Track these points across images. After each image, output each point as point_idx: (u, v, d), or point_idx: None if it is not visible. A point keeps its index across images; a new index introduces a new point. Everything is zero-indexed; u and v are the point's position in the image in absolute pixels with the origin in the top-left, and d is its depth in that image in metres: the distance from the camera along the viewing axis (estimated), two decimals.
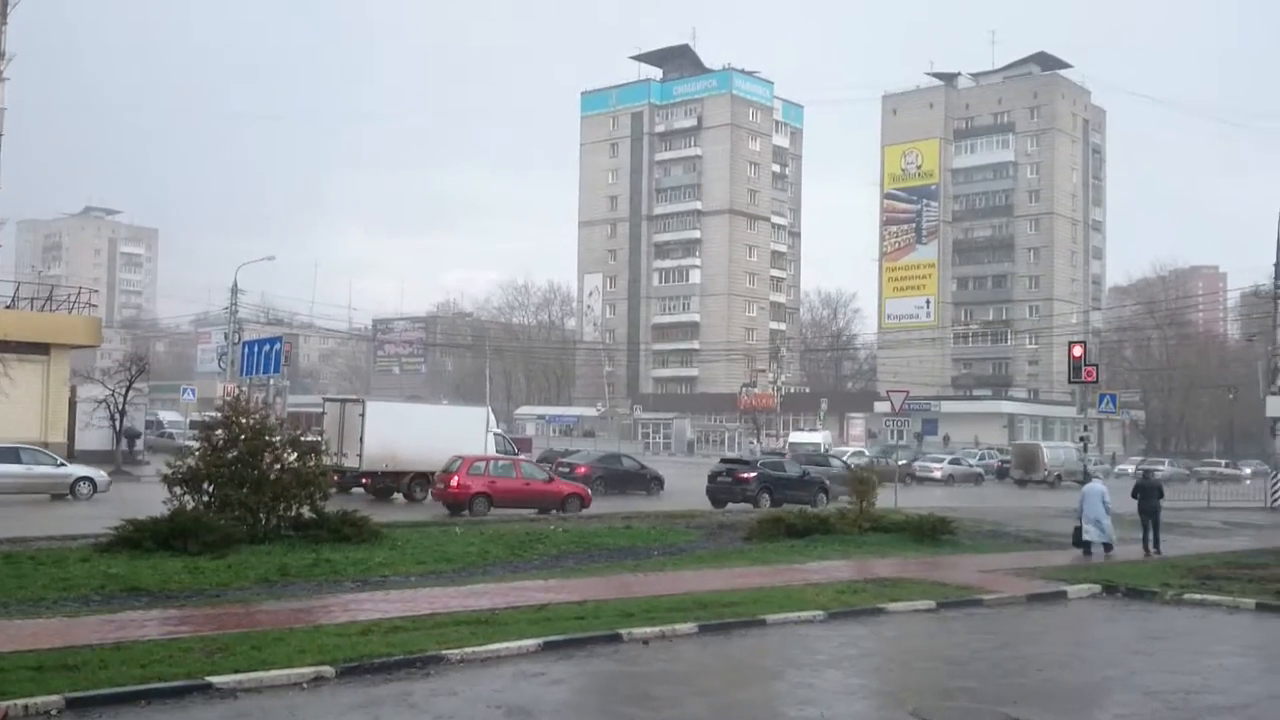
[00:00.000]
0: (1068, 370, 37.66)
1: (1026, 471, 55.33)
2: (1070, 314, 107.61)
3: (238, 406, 18.90)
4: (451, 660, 10.61)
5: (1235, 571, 18.76)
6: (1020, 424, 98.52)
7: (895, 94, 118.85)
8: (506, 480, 28.48)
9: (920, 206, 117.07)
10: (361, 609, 13.02)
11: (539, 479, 29.53)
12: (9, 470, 27.94)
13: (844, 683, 10.75)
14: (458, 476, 27.69)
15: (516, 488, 28.40)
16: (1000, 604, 15.65)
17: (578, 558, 18.67)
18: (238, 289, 57.59)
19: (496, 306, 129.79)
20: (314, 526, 18.19)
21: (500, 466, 29.64)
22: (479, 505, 27.34)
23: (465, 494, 27.40)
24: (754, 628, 13.04)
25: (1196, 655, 12.47)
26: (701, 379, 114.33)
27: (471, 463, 28.65)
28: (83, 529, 19.13)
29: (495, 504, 27.56)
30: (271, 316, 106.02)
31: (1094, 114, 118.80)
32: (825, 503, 31.84)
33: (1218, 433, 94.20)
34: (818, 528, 22.31)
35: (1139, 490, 23.05)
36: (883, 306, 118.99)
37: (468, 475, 27.77)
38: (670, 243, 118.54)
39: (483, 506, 27.35)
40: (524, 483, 28.80)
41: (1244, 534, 26.77)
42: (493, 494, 27.74)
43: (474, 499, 27.39)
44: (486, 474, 28.34)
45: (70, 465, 30.60)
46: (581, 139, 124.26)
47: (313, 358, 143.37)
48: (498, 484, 28.11)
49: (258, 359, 31.62)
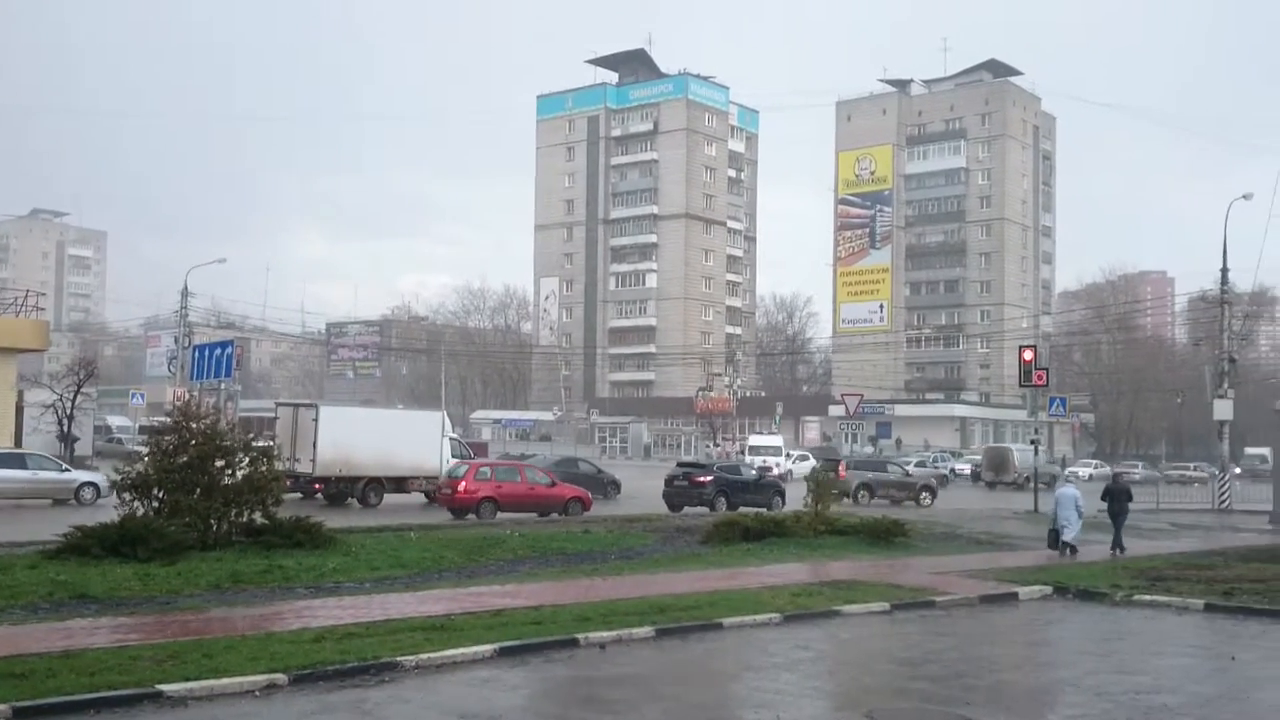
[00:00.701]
0: (1019, 374, 38.20)
1: (997, 474, 56.43)
2: (1021, 318, 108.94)
3: (189, 411, 18.65)
4: (406, 667, 10.53)
5: (1184, 572, 19.06)
6: (972, 427, 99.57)
7: (849, 100, 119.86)
8: (512, 485, 29.06)
9: (874, 212, 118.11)
10: (315, 615, 12.89)
11: (542, 483, 30.13)
12: (13, 476, 28.09)
13: (800, 685, 10.80)
14: (465, 482, 28.29)
15: (521, 492, 29.01)
16: (953, 605, 15.79)
17: (534, 562, 18.62)
18: (188, 292, 56.78)
19: (452, 310, 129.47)
20: (266, 532, 17.97)
21: (505, 471, 30.31)
22: (486, 509, 27.76)
23: (473, 499, 27.92)
24: (711, 631, 13.07)
25: (1147, 655, 12.66)
26: (658, 383, 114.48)
27: (478, 468, 29.51)
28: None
29: (501, 508, 28.02)
30: (222, 320, 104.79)
31: (1044, 120, 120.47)
32: (781, 506, 31.97)
33: (1166, 435, 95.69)
34: (774, 531, 22.41)
35: (1109, 493, 23.79)
36: (837, 311, 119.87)
37: (475, 480, 28.40)
38: (627, 247, 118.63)
39: (490, 511, 27.78)
40: (528, 487, 29.41)
41: (1192, 535, 27.23)
42: (499, 498, 28.26)
43: (481, 503, 27.86)
44: (493, 479, 28.92)
45: (75, 471, 30.55)
46: (537, 142, 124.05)
47: (265, 362, 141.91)
48: (504, 488, 28.66)
49: (208, 363, 31.19)
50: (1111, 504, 23.40)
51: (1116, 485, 24.37)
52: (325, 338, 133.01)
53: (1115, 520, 23.23)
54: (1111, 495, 23.59)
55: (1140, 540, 24.92)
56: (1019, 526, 29.28)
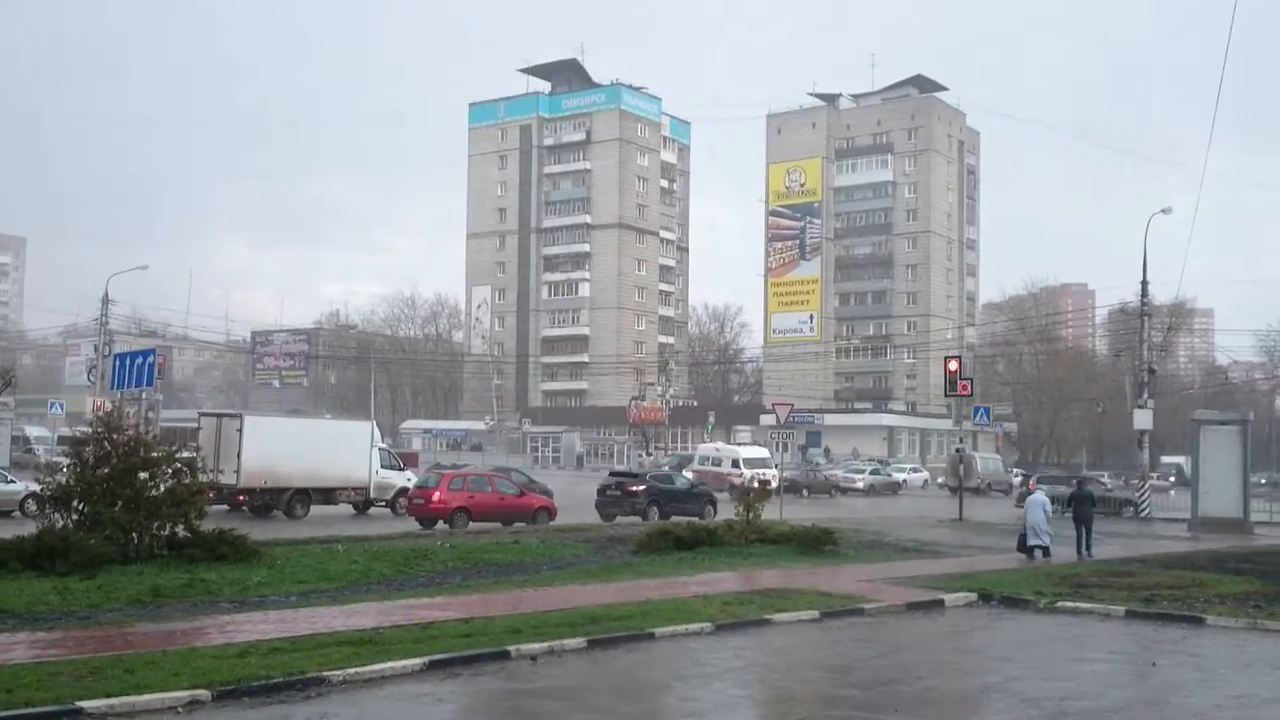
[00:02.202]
0: (944, 384, 38.84)
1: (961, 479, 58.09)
2: (946, 329, 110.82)
3: (111, 422, 18.23)
4: (334, 682, 10.38)
5: (1106, 579, 19.46)
6: (899, 436, 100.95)
7: (779, 113, 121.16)
8: (483, 495, 29.37)
9: (804, 223, 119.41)
10: (239, 630, 12.66)
11: (511, 494, 30.44)
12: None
13: (730, 694, 10.84)
14: (439, 492, 28.62)
15: (492, 502, 29.35)
16: (881, 612, 15.96)
17: (464, 574, 18.46)
18: (109, 299, 55.65)
19: (382, 319, 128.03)
20: (189, 545, 17.64)
21: (476, 482, 30.51)
22: (459, 519, 27.96)
23: (446, 509, 28.15)
24: (643, 641, 13.06)
25: (1070, 662, 12.89)
26: (591, 392, 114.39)
27: (451, 478, 29.92)
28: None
29: (473, 518, 28.29)
30: (144, 328, 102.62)
31: (969, 136, 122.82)
32: (713, 515, 32.11)
33: (1087, 445, 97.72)
34: (706, 540, 22.51)
35: (1074, 500, 25.28)
36: (768, 321, 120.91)
37: (448, 491, 28.69)
38: (559, 256, 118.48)
39: (463, 521, 27.96)
40: (499, 497, 29.74)
41: (1114, 543, 27.80)
42: (471, 509, 28.55)
43: (455, 513, 28.09)
44: (465, 489, 29.18)
45: (20, 482, 29.60)
46: (470, 150, 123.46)
47: (187, 371, 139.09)
48: (476, 499, 28.97)
49: (129, 372, 30.39)
50: (1077, 510, 24.71)
51: (1081, 492, 25.83)
52: (250, 346, 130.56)
53: (1081, 526, 24.44)
54: (1076, 501, 24.99)
55: (1062, 547, 25.37)
56: (945, 534, 29.76)
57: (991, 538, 29.15)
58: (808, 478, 58.10)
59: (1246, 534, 32.16)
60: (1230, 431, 34.75)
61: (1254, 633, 14.88)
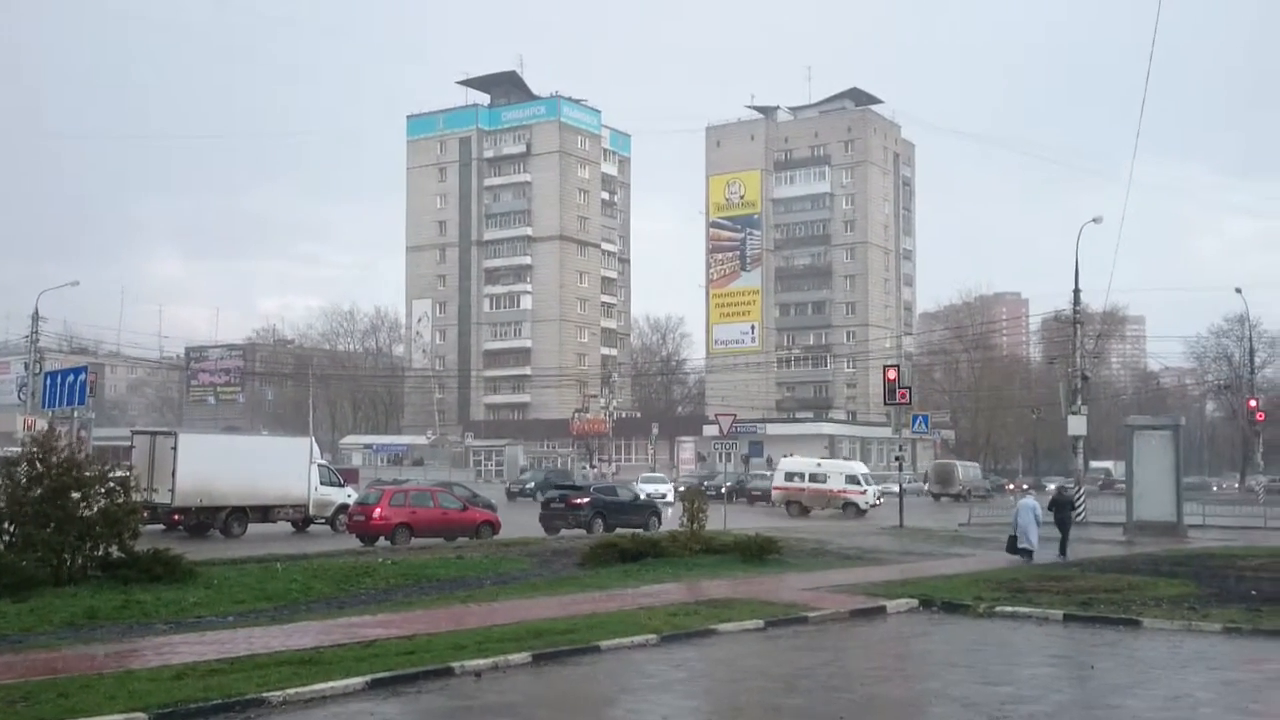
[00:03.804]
0: (883, 392, 39.34)
1: (944, 487, 60.08)
2: (885, 339, 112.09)
3: (44, 442, 17.79)
4: (273, 703, 10.20)
5: (1044, 584, 19.74)
6: (840, 445, 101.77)
7: (718, 126, 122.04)
8: (426, 510, 28.96)
9: (744, 235, 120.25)
10: (176, 652, 12.40)
11: (454, 508, 30.11)
12: None
13: (676, 705, 10.83)
14: (380, 508, 28.07)
15: (435, 517, 28.97)
16: (824, 621, 16.05)
17: (407, 591, 18.27)
18: (39, 316, 54.44)
19: (320, 333, 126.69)
20: (124, 566, 17.29)
21: (418, 497, 30.08)
22: (401, 536, 27.53)
23: (388, 525, 27.67)
24: (588, 654, 13.00)
25: (1010, 666, 13.05)
26: (534, 405, 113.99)
27: (392, 494, 29.42)
28: None
29: (415, 534, 27.86)
30: (75, 345, 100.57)
31: (904, 148, 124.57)
32: (658, 527, 32.13)
33: (1023, 451, 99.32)
34: (650, 551, 22.51)
35: (1054, 505, 27.27)
36: (710, 332, 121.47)
37: (390, 507, 28.21)
38: (501, 268, 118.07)
39: (405, 536, 27.55)
40: (441, 512, 29.38)
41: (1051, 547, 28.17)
42: (413, 524, 28.12)
43: (396, 529, 27.65)
44: (407, 505, 28.74)
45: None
46: (408, 163, 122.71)
47: (120, 388, 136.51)
48: (418, 514, 28.54)
49: (61, 390, 29.80)
50: (1057, 514, 26.44)
51: (1061, 497, 27.97)
52: (185, 362, 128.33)
53: (1061, 529, 26.12)
54: (1057, 506, 26.91)
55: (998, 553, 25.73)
56: (886, 541, 30.06)
57: (932, 544, 29.53)
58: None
59: (1180, 537, 32.78)
60: (1163, 436, 35.39)
61: (1189, 634, 15.16)
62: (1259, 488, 55.33)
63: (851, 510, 44.56)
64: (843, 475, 47.24)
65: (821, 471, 47.59)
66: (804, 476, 47.08)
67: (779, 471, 48.54)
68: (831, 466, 49.46)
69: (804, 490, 46.01)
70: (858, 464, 53.07)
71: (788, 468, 49.03)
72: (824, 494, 45.41)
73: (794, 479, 47.18)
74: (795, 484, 46.87)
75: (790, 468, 48.97)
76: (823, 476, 46.90)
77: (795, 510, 45.26)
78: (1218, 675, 12.51)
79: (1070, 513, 26.94)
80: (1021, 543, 24.54)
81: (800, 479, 46.99)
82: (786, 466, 49.38)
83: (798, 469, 48.39)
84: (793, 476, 47.48)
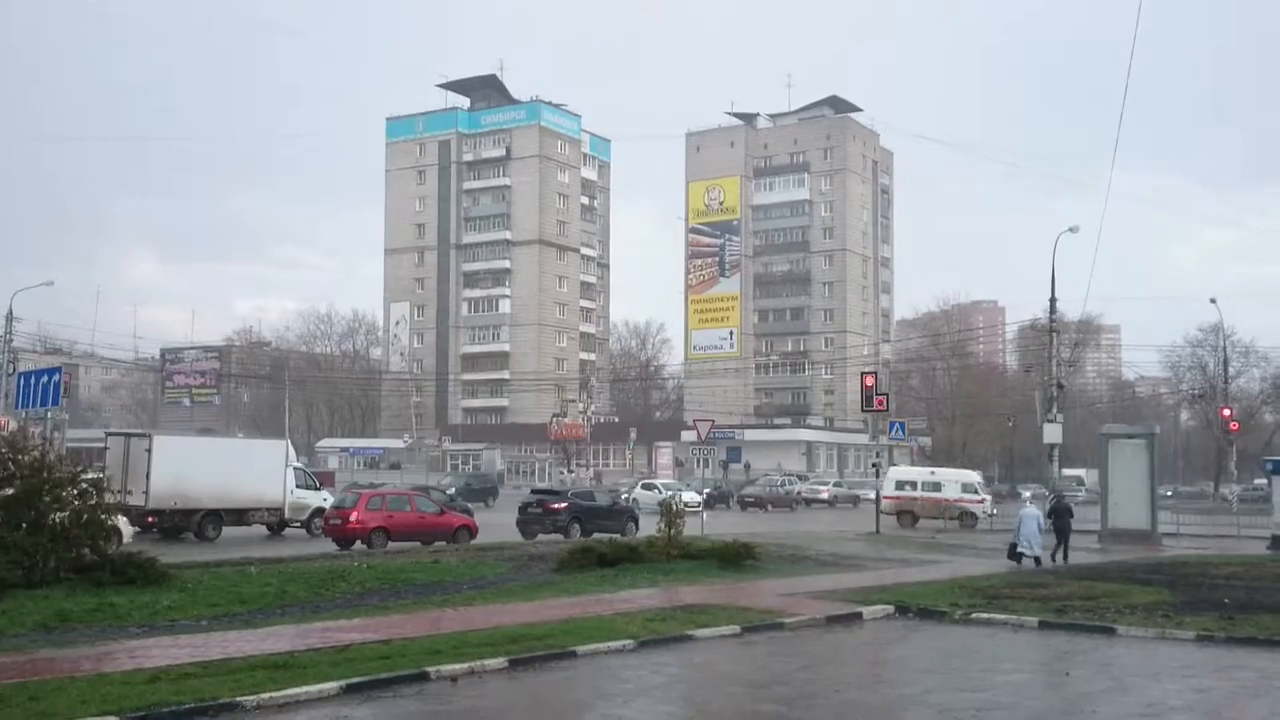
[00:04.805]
0: (861, 399, 39.43)
1: None
2: (862, 345, 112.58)
3: (16, 443, 17.63)
4: (247, 707, 10.14)
5: (1019, 591, 19.84)
6: (818, 451, 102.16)
7: (698, 132, 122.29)
8: (403, 514, 28.91)
9: (723, 241, 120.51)
10: (149, 655, 12.30)
11: (431, 512, 30.12)
12: None
13: (653, 710, 10.82)
14: (356, 512, 28.01)
15: (412, 521, 28.94)
16: (801, 626, 16.06)
17: (383, 595, 18.18)
18: (13, 316, 54.06)
19: (297, 335, 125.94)
20: (97, 569, 17.13)
21: (396, 501, 30.04)
22: (377, 539, 27.45)
23: (364, 529, 27.61)
24: (565, 659, 12.97)
25: (985, 672, 13.09)
26: (512, 409, 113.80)
27: (369, 498, 29.34)
28: None
29: (392, 538, 27.79)
30: (49, 346, 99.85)
31: (882, 156, 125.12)
32: (635, 532, 32.10)
33: (999, 458, 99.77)
34: (627, 556, 22.46)
35: (1053, 512, 27.77)
36: (689, 337, 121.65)
37: (366, 510, 28.13)
38: (480, 272, 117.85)
39: (381, 540, 27.45)
40: (419, 516, 29.37)
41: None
42: (390, 528, 28.08)
43: (373, 533, 27.58)
44: (384, 509, 28.71)
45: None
46: (387, 166, 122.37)
47: (94, 389, 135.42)
48: (395, 518, 28.51)
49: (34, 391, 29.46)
50: (1057, 521, 26.95)
51: (1060, 504, 28.30)
52: (160, 364, 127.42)
53: (1060, 535, 26.72)
54: (1056, 513, 27.42)
55: (978, 559, 25.88)
56: (862, 548, 30.13)
57: (908, 550, 29.63)
58: (770, 492, 58.77)
59: (1155, 545, 33.03)
60: (1138, 445, 35.67)
61: (1163, 642, 15.25)
62: (1232, 496, 55.80)
63: (969, 520, 43.10)
64: (958, 484, 46.04)
65: (935, 480, 46.23)
66: (916, 485, 45.61)
67: (888, 480, 46.12)
68: (945, 475, 48.00)
69: (917, 499, 44.35)
70: (971, 473, 51.63)
71: (898, 476, 47.38)
72: (939, 503, 43.75)
73: (905, 487, 45.46)
74: (907, 493, 45.04)
75: (901, 476, 47.46)
76: (937, 485, 45.49)
77: (907, 521, 43.24)
78: (1191, 683, 12.58)
79: (1070, 520, 27.38)
80: (1024, 549, 25.15)
81: (912, 488, 45.42)
82: (897, 475, 47.66)
83: (909, 478, 47.01)
84: (904, 485, 45.75)
